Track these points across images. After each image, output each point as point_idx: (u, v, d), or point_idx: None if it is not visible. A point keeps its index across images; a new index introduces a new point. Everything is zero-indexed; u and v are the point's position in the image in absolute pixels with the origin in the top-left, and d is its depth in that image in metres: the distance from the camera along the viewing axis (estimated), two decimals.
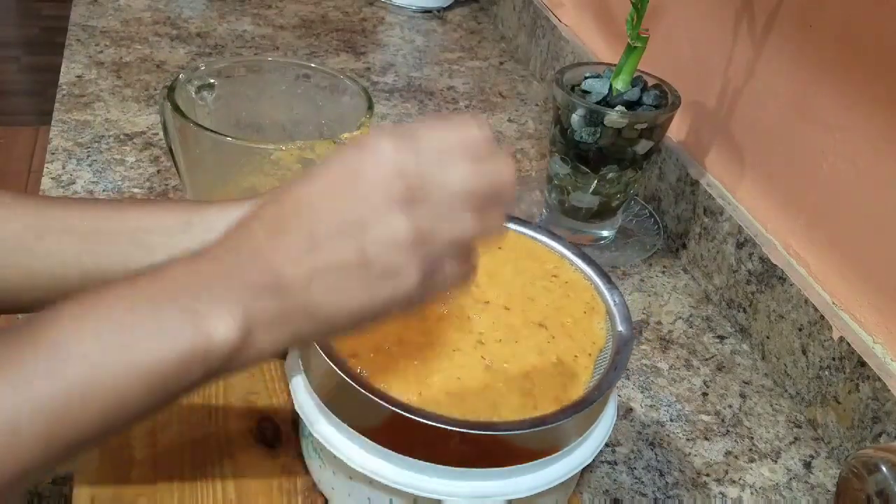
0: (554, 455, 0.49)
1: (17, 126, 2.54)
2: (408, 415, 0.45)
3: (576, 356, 0.51)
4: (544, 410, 0.47)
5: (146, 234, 0.48)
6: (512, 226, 0.60)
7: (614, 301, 0.55)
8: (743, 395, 0.71)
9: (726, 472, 0.64)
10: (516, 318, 0.53)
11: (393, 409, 0.45)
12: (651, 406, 0.69)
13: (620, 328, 0.53)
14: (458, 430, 0.45)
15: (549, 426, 0.46)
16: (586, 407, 0.48)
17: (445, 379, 0.48)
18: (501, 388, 0.48)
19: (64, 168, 0.85)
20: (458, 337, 0.51)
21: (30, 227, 0.46)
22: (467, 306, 0.53)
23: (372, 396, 0.46)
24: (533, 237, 0.60)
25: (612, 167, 0.78)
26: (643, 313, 0.79)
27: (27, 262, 0.46)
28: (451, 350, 0.50)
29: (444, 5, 1.39)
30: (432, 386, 0.47)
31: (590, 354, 0.52)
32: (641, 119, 0.75)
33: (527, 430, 0.46)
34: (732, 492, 0.62)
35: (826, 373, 0.67)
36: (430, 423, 0.44)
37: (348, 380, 0.46)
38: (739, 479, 0.63)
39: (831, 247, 0.70)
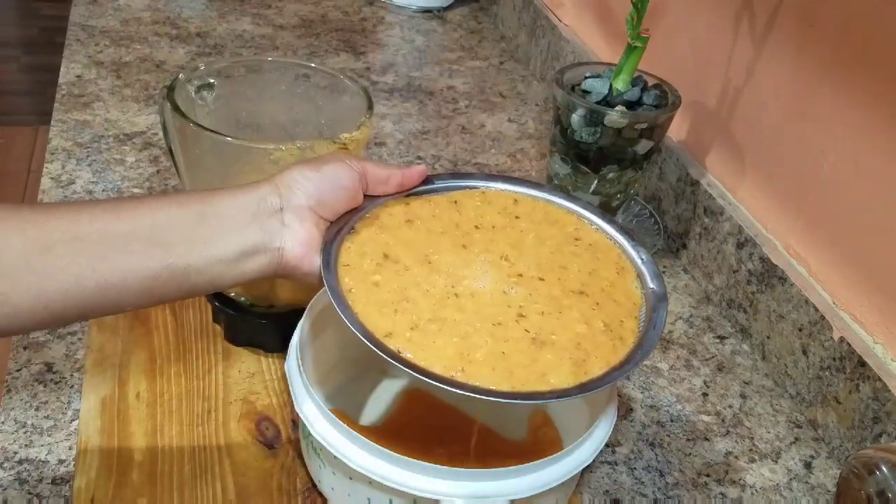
0: (554, 455, 0.49)
1: (16, 126, 2.54)
2: (455, 390, 0.44)
3: (622, 321, 0.50)
4: (594, 375, 0.47)
5: (162, 232, 0.46)
6: (525, 190, 0.59)
7: (641, 259, 0.54)
8: (743, 396, 0.71)
9: (726, 473, 0.64)
10: (554, 288, 0.52)
11: (438, 384, 0.44)
12: (651, 406, 0.69)
13: (652, 286, 0.53)
14: (506, 401, 0.44)
15: (597, 390, 0.46)
16: (632, 368, 0.47)
17: (489, 354, 0.47)
18: (551, 359, 0.47)
19: (63, 168, 0.85)
20: (496, 311, 0.50)
21: (33, 241, 0.42)
22: (500, 280, 0.52)
23: (415, 374, 0.44)
24: (548, 200, 0.59)
25: (613, 167, 0.78)
26: None
27: (34, 281, 0.42)
28: (490, 325, 0.49)
29: (444, 5, 1.39)
30: (476, 361, 0.46)
31: (635, 317, 0.51)
32: (642, 119, 0.75)
33: (575, 396, 0.45)
34: (733, 492, 0.62)
35: (826, 373, 0.67)
36: (477, 396, 0.43)
37: (389, 359, 0.45)
38: (740, 480, 0.63)
39: (832, 247, 0.69)
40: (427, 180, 0.58)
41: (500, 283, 0.52)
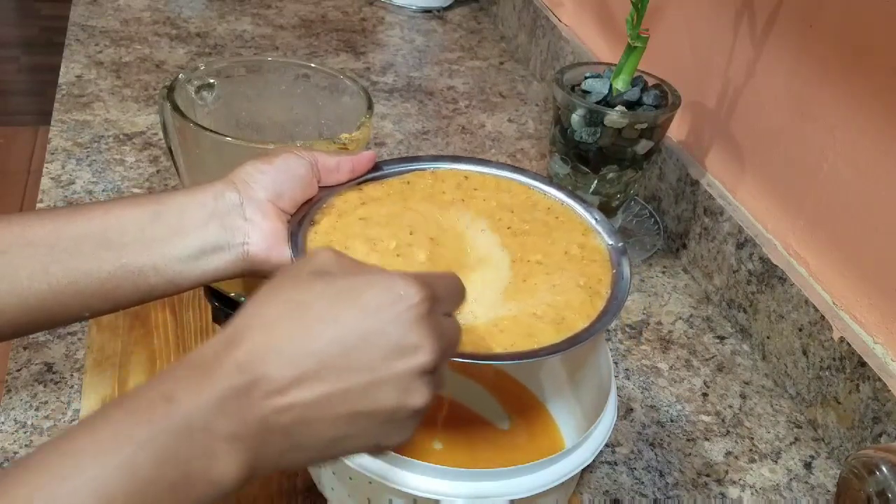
0: (554, 455, 0.49)
1: (16, 126, 2.54)
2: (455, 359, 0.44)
3: (600, 279, 0.52)
4: (577, 330, 0.48)
5: (115, 233, 0.46)
6: (473, 167, 0.61)
7: (595, 219, 0.56)
8: (743, 396, 0.71)
9: (726, 473, 0.64)
10: (531, 253, 0.53)
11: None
12: (651, 406, 0.69)
13: (610, 242, 0.55)
14: (498, 362, 0.45)
15: (582, 343, 0.47)
16: (610, 317, 0.49)
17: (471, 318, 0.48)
18: (536, 321, 0.48)
19: (63, 168, 0.85)
20: (481, 280, 0.51)
21: None
22: (480, 248, 0.53)
23: None
24: (497, 175, 0.60)
25: (613, 167, 0.78)
26: (643, 313, 0.78)
27: None
28: (475, 292, 0.50)
29: (444, 5, 1.39)
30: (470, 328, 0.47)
31: (609, 272, 0.53)
32: (641, 119, 0.75)
33: (563, 351, 0.47)
34: (733, 492, 0.62)
35: (826, 373, 0.67)
36: (470, 361, 0.44)
37: None
38: (740, 480, 0.63)
39: (831, 247, 0.70)
40: (376, 167, 0.58)
41: (480, 250, 0.53)
